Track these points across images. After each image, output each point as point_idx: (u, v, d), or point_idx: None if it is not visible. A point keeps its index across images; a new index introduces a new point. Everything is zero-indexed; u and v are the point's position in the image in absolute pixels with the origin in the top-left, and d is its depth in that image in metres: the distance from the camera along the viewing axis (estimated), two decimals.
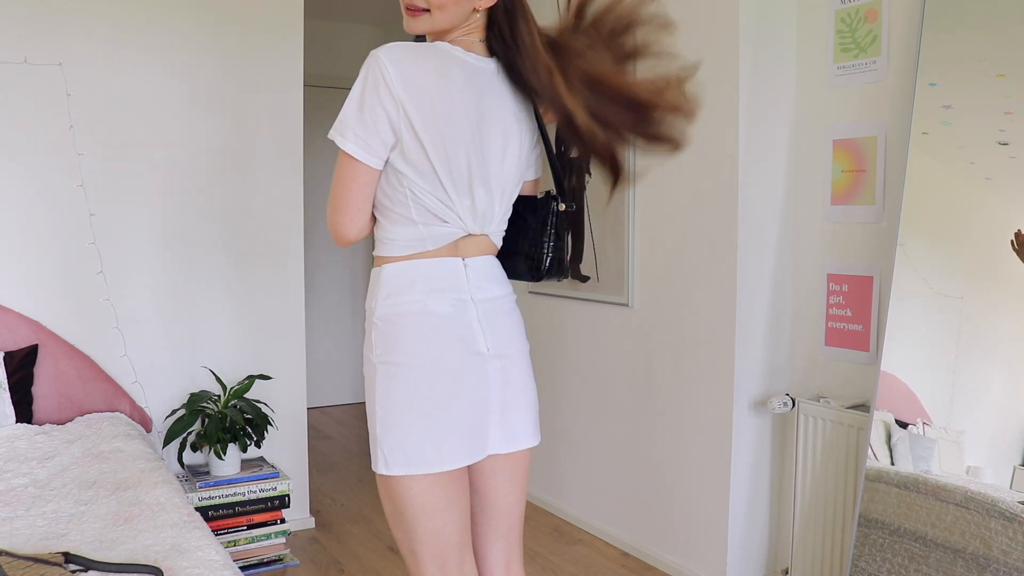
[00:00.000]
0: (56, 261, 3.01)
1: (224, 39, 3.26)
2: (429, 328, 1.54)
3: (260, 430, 3.08)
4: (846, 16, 2.65)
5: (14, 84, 2.92)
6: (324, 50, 5.49)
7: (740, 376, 2.80)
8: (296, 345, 3.46)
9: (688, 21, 2.91)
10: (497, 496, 1.70)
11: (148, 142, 3.14)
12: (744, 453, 2.84)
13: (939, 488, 2.30)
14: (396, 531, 1.60)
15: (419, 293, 1.54)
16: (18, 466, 2.42)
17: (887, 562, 2.38)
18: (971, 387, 2.37)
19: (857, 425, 2.53)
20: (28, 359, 2.84)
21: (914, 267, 2.43)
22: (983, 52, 2.31)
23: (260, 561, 3.09)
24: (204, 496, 3.00)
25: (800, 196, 2.85)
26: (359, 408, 5.74)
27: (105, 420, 2.84)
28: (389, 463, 1.52)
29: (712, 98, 2.84)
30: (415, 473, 1.51)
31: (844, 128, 2.67)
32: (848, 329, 2.68)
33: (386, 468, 1.52)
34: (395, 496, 1.54)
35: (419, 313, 1.54)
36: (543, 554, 3.24)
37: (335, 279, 5.73)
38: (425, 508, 1.54)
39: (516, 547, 1.76)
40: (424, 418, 1.52)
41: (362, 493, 3.95)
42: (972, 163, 2.36)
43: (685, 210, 2.96)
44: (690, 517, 2.99)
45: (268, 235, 3.38)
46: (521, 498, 1.75)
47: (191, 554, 1.82)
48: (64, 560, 1.71)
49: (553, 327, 3.66)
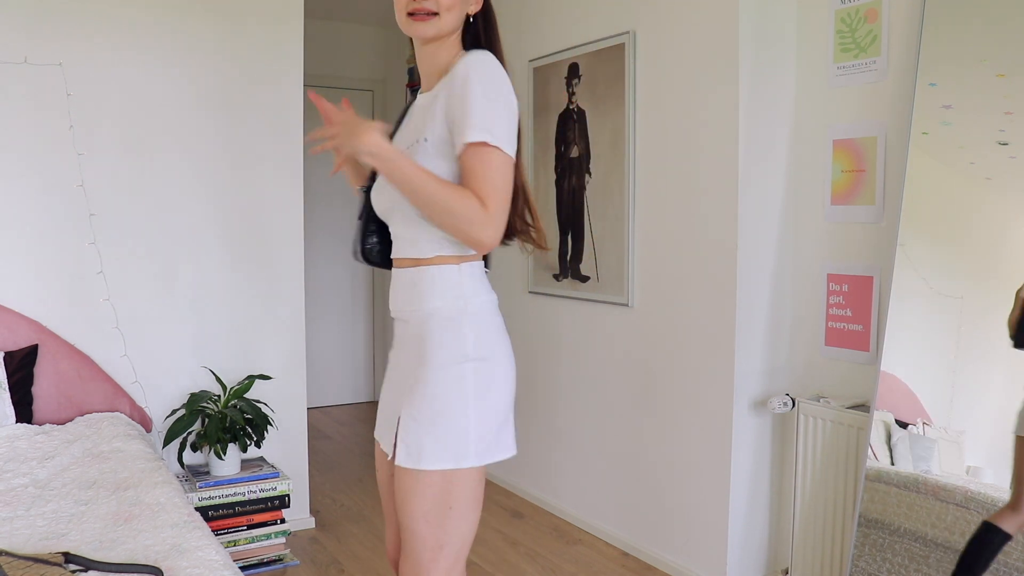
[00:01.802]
0: (56, 261, 3.01)
1: (224, 39, 3.26)
2: (501, 325, 1.65)
3: (260, 430, 3.08)
4: (846, 16, 2.65)
5: (14, 84, 2.92)
6: (324, 50, 5.49)
7: (740, 376, 2.80)
8: (296, 345, 3.46)
9: (688, 21, 2.92)
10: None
11: (148, 142, 3.14)
12: (744, 453, 2.84)
13: (939, 488, 2.30)
14: (435, 529, 1.57)
15: (489, 292, 1.65)
16: (18, 466, 2.42)
17: (887, 562, 2.38)
18: (971, 387, 2.37)
19: (857, 425, 2.53)
20: (28, 359, 2.84)
21: (914, 267, 2.43)
22: (983, 52, 2.31)
23: (260, 561, 3.09)
24: (204, 496, 3.00)
25: (800, 196, 2.85)
26: (359, 408, 5.75)
27: (105, 420, 2.83)
28: (479, 452, 1.56)
29: (712, 98, 2.84)
30: (495, 460, 1.58)
31: (844, 128, 2.67)
32: (848, 329, 2.68)
33: (476, 458, 1.56)
34: (457, 489, 1.56)
35: (496, 311, 1.65)
36: (543, 554, 3.24)
37: (335, 279, 5.73)
38: (478, 499, 1.61)
39: None
40: (510, 410, 1.63)
41: (362, 493, 3.95)
42: (972, 163, 2.36)
43: (685, 210, 2.96)
44: (690, 517, 2.99)
45: (268, 235, 3.38)
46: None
47: (191, 554, 1.82)
48: (64, 560, 1.70)
49: (553, 327, 3.66)
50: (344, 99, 1.57)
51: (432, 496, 1.55)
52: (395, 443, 1.59)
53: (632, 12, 3.15)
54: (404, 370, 1.64)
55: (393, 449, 1.61)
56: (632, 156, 3.17)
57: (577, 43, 3.43)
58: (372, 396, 5.96)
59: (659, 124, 3.06)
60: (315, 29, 5.36)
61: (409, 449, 1.55)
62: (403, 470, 1.56)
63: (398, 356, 1.69)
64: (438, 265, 1.59)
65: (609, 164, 3.29)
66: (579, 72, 3.43)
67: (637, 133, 3.15)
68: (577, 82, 3.45)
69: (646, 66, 3.10)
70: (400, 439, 1.56)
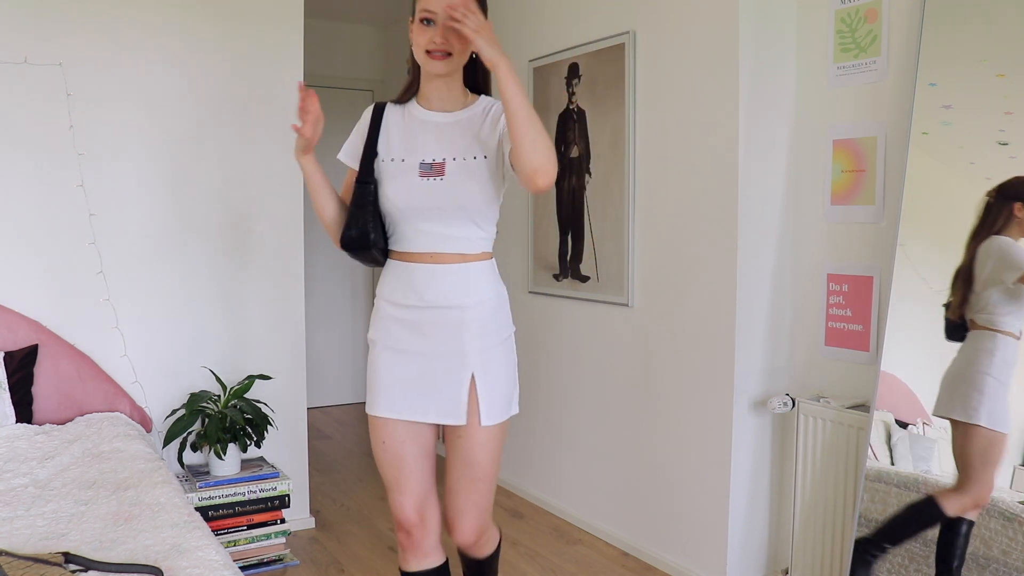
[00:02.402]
0: (56, 261, 3.01)
1: (224, 39, 3.26)
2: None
3: (260, 430, 3.08)
4: (846, 16, 2.65)
5: (14, 84, 2.92)
6: (324, 50, 5.49)
7: (740, 376, 2.80)
8: (296, 345, 3.46)
9: (688, 21, 2.92)
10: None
11: (148, 142, 3.14)
12: (744, 453, 2.84)
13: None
14: (496, 466, 1.99)
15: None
16: (18, 466, 2.42)
17: (887, 562, 2.38)
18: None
19: (857, 425, 2.53)
20: (28, 359, 2.84)
21: (914, 267, 2.43)
22: (983, 52, 2.31)
23: (260, 561, 3.09)
24: (204, 496, 3.00)
25: (800, 196, 2.85)
26: (359, 408, 5.75)
27: (105, 420, 2.83)
28: (517, 403, 2.02)
29: (712, 98, 2.84)
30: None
31: (844, 128, 2.67)
32: (848, 329, 2.68)
33: (516, 408, 2.01)
34: (505, 431, 2.00)
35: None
36: (543, 554, 3.24)
37: (335, 279, 5.73)
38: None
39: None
40: None
41: (362, 493, 3.95)
42: (972, 163, 2.36)
43: (685, 210, 2.96)
44: (690, 517, 2.99)
45: (268, 235, 3.38)
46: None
47: (191, 554, 1.82)
48: (64, 560, 1.70)
49: (553, 327, 3.66)
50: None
51: (501, 441, 1.97)
52: (466, 408, 1.91)
53: (632, 12, 3.15)
54: (444, 350, 1.91)
55: (461, 415, 1.94)
56: (632, 156, 3.17)
57: (577, 43, 3.43)
58: None
59: (659, 124, 3.06)
60: (315, 29, 5.37)
61: (489, 410, 1.91)
62: (482, 427, 1.91)
63: (429, 339, 1.92)
64: (482, 261, 1.93)
65: (609, 164, 3.29)
66: (579, 72, 3.43)
67: (637, 133, 3.15)
68: (577, 82, 3.45)
69: (646, 66, 3.10)
70: (482, 403, 1.90)
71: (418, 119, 1.96)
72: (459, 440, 1.94)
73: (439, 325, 1.90)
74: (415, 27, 1.88)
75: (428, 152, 1.90)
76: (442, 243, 1.89)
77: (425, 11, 1.84)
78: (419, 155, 1.91)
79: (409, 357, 1.92)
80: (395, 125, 1.97)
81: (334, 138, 2.51)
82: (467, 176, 1.88)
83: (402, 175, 1.90)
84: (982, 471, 2.22)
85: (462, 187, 1.87)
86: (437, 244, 1.89)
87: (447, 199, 1.87)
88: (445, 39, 1.83)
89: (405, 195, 1.88)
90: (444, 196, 1.87)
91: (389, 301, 1.95)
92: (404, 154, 1.92)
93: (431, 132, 1.93)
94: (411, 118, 1.97)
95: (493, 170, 1.89)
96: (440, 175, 1.87)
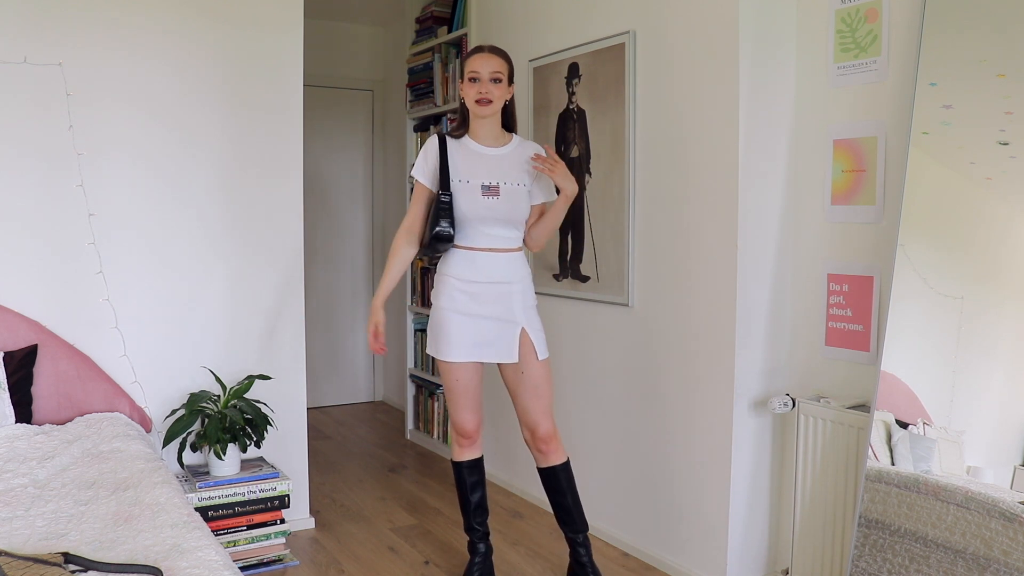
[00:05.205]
0: (56, 261, 3.01)
1: (224, 39, 3.26)
2: None
3: (260, 430, 3.08)
4: (846, 16, 2.65)
5: (14, 84, 2.92)
6: (324, 50, 5.49)
7: (740, 376, 2.80)
8: (296, 345, 3.46)
9: (688, 21, 2.92)
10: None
11: (148, 142, 3.14)
12: (744, 453, 2.84)
13: (939, 488, 2.30)
14: (552, 385, 2.80)
15: None
16: (18, 466, 2.42)
17: (887, 562, 2.38)
18: (971, 387, 2.37)
19: (857, 425, 2.53)
20: (28, 359, 2.84)
21: (914, 267, 2.43)
22: (983, 52, 2.31)
23: (260, 561, 3.09)
24: (204, 496, 3.00)
25: (800, 196, 2.85)
26: (359, 408, 5.75)
27: (105, 420, 2.83)
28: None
29: (712, 98, 2.84)
30: None
31: (844, 128, 2.67)
32: (848, 329, 2.68)
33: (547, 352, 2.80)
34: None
35: None
36: (543, 554, 3.24)
37: (335, 279, 5.73)
38: None
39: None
40: None
41: (362, 493, 3.95)
42: (972, 163, 2.36)
43: (685, 210, 2.96)
44: (690, 517, 2.99)
45: (268, 235, 3.38)
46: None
47: (191, 554, 1.82)
48: (64, 560, 1.70)
49: (553, 327, 3.65)
50: (546, 146, 2.81)
51: (550, 368, 2.78)
52: (519, 351, 2.71)
53: (632, 12, 3.15)
54: (504, 309, 2.69)
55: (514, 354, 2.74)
56: (632, 156, 3.17)
57: (577, 43, 3.43)
58: (372, 396, 5.96)
59: (659, 124, 3.06)
60: (315, 29, 5.36)
61: (541, 349, 2.73)
62: (539, 360, 2.72)
63: (484, 305, 2.68)
64: (520, 251, 2.76)
65: (609, 164, 3.29)
66: (579, 72, 3.43)
67: (637, 133, 3.15)
68: (577, 82, 3.45)
69: (646, 66, 3.10)
70: (536, 345, 2.72)
71: (474, 151, 2.70)
72: (523, 375, 2.73)
73: (494, 295, 2.68)
74: (465, 84, 2.64)
75: (486, 177, 2.66)
76: (497, 240, 2.68)
77: (472, 72, 2.63)
78: (479, 178, 2.65)
79: (471, 318, 2.67)
80: (456, 153, 2.69)
81: (334, 138, 2.52)
82: (515, 196, 2.68)
83: (469, 193, 2.63)
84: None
85: (511, 204, 2.67)
86: (494, 242, 2.68)
87: (501, 212, 2.66)
88: (488, 90, 2.61)
89: (473, 208, 2.64)
90: (499, 210, 2.65)
91: (457, 277, 2.68)
92: (468, 176, 2.65)
93: (486, 162, 2.69)
94: (467, 150, 2.70)
95: (527, 195, 2.73)
96: (496, 195, 2.65)
